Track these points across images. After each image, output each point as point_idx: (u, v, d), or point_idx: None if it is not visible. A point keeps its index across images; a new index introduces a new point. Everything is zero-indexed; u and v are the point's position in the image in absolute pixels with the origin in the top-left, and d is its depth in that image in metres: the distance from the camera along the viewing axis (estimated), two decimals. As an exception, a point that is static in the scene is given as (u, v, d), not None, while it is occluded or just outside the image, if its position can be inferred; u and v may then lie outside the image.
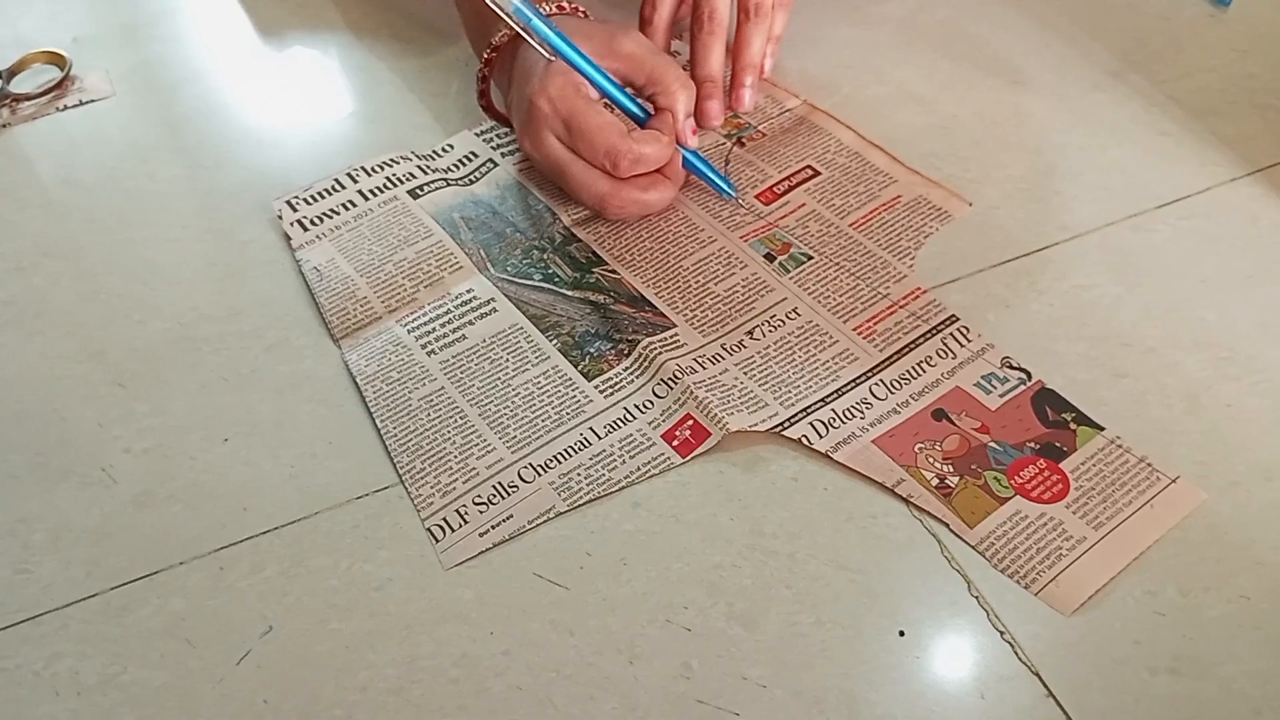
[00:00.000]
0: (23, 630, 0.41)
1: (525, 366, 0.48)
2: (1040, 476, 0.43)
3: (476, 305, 0.50)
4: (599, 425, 0.46)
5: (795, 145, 0.57)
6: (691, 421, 0.45)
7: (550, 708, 0.38)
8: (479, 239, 0.53)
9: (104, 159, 0.58)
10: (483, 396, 0.47)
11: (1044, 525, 0.42)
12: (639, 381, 0.47)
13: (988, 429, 0.45)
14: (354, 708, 0.38)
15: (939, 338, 0.48)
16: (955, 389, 0.46)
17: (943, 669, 0.39)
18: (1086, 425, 0.45)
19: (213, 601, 0.41)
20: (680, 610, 0.41)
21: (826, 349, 0.48)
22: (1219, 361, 0.47)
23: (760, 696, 0.38)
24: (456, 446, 0.45)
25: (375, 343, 0.49)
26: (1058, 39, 0.63)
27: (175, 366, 0.49)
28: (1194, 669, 0.39)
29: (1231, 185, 0.54)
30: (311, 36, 0.65)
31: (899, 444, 0.44)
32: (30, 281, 0.52)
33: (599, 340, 0.48)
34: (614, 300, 0.50)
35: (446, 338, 0.49)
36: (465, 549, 0.42)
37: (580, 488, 0.44)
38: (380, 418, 0.46)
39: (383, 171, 0.56)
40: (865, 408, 0.45)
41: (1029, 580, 0.41)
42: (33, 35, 0.65)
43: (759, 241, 0.52)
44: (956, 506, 0.43)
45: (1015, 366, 0.47)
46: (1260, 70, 0.61)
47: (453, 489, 0.44)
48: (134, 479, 0.45)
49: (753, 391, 0.46)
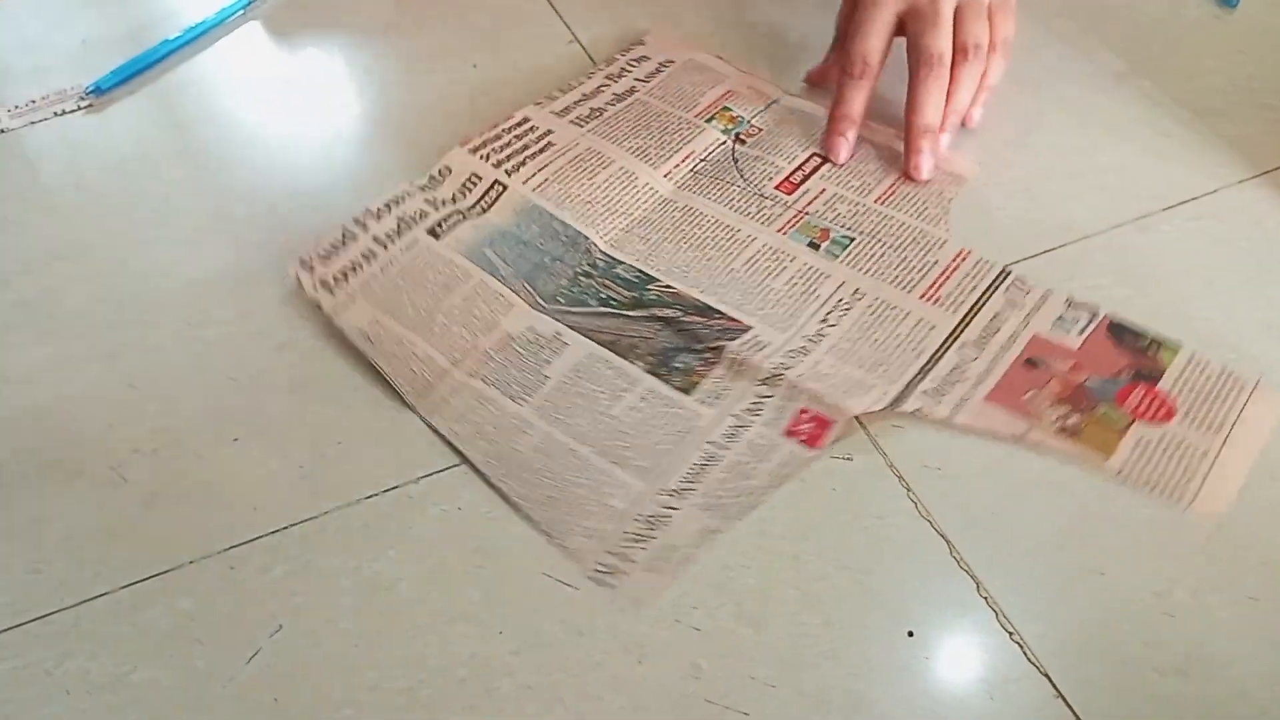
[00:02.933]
0: (33, 629, 0.41)
1: (619, 394, 0.46)
2: (1146, 400, 0.45)
3: (544, 343, 0.48)
4: (717, 437, 0.45)
5: (794, 135, 0.58)
6: (810, 414, 0.45)
7: (559, 707, 0.38)
8: (520, 272, 0.51)
9: (115, 161, 0.58)
10: (591, 433, 0.45)
11: (1169, 443, 0.44)
12: (739, 386, 0.46)
13: (1080, 367, 0.46)
14: (363, 707, 0.38)
15: (1001, 292, 0.50)
16: (1034, 337, 0.48)
17: (951, 670, 0.39)
18: (1166, 345, 0.47)
19: (222, 601, 0.41)
20: (689, 610, 0.41)
21: (903, 322, 0.49)
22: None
23: (769, 696, 0.38)
24: (587, 490, 0.43)
25: (456, 402, 0.46)
26: (1061, 41, 0.63)
27: (185, 367, 0.49)
28: (1203, 670, 0.39)
29: (1238, 187, 0.54)
30: (321, 38, 0.65)
31: (1009, 396, 0.46)
32: (41, 283, 0.53)
33: (682, 354, 0.47)
34: (683, 312, 0.49)
35: (524, 383, 0.47)
36: (649, 590, 0.41)
37: (728, 503, 0.43)
38: (496, 478, 0.44)
39: (391, 212, 0.53)
40: (963, 370, 0.47)
41: (1177, 496, 0.43)
42: (40, 38, 0.66)
43: (797, 232, 0.52)
44: (1087, 443, 0.44)
45: (1079, 304, 0.49)
46: (1264, 71, 0.61)
47: (603, 532, 0.42)
48: (144, 479, 0.45)
49: (853, 375, 0.46)
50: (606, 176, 0.55)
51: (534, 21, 0.65)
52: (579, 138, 0.57)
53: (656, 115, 0.58)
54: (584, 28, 0.65)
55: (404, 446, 0.46)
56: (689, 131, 0.57)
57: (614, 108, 0.58)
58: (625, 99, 0.59)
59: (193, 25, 0.65)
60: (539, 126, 0.57)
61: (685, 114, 0.58)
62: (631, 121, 0.58)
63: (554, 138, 0.56)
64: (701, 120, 0.58)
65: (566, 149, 0.56)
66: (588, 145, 0.56)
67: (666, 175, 0.55)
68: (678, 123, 0.58)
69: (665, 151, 0.56)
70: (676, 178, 0.55)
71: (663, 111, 0.58)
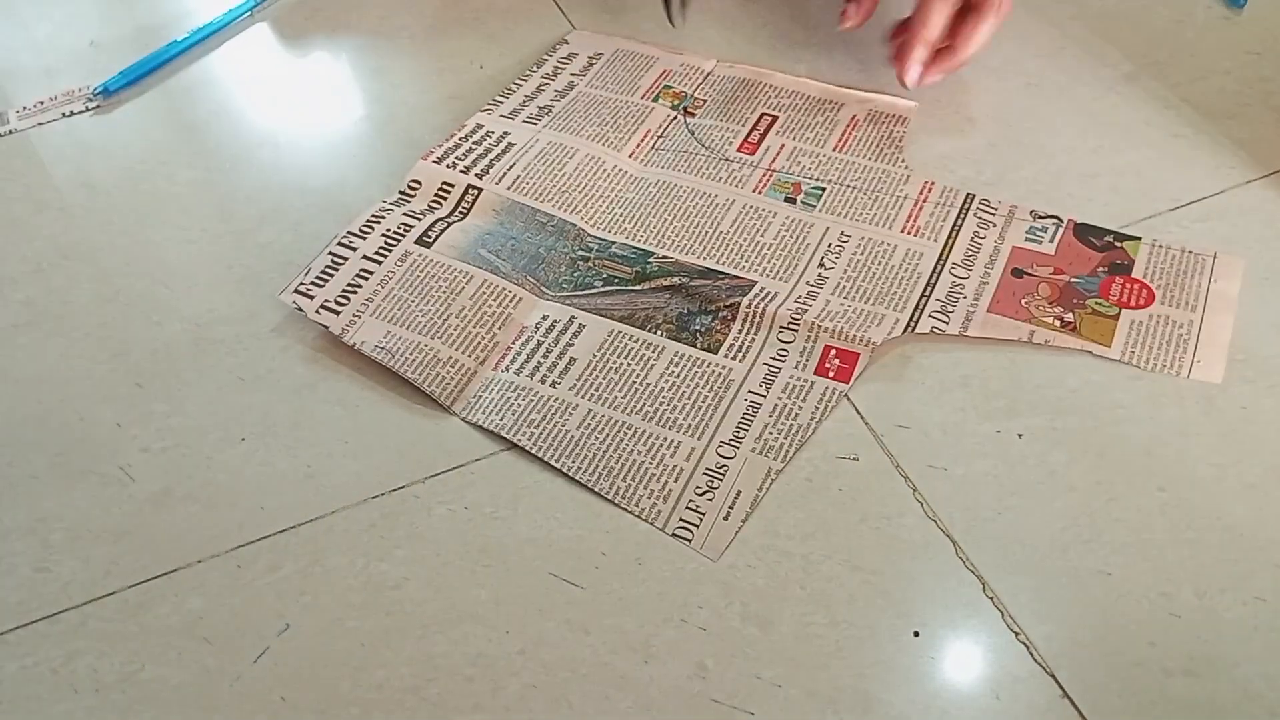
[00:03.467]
0: (41, 628, 0.41)
1: (649, 363, 0.48)
2: (1126, 289, 0.49)
3: (562, 328, 0.49)
4: (755, 385, 0.47)
5: (739, 100, 0.60)
6: (835, 350, 0.47)
7: (566, 707, 0.38)
8: (518, 266, 0.51)
9: (123, 162, 0.59)
10: (633, 403, 0.46)
11: (1156, 323, 0.48)
12: (760, 337, 0.48)
13: (1061, 269, 0.50)
14: (370, 706, 0.39)
15: (971, 214, 0.53)
16: (1014, 248, 0.52)
17: (957, 669, 0.39)
18: (1128, 239, 0.52)
19: (230, 600, 0.41)
20: (695, 610, 0.41)
21: (893, 255, 0.52)
22: (1234, 364, 0.47)
23: (775, 696, 0.38)
24: (643, 454, 0.45)
25: (490, 396, 0.47)
26: (1071, 42, 0.63)
27: (193, 367, 0.49)
28: (1210, 670, 0.39)
29: (1246, 188, 0.54)
30: (328, 39, 0.66)
31: (1008, 305, 0.49)
32: (49, 283, 0.53)
33: (699, 316, 0.49)
34: (689, 279, 0.51)
35: (558, 366, 0.48)
36: (722, 537, 0.42)
37: (781, 444, 0.45)
38: (553, 458, 0.45)
39: (375, 230, 0.53)
40: (960, 288, 0.50)
41: (1177, 369, 0.47)
42: (49, 40, 0.66)
43: (772, 189, 0.55)
44: (1087, 335, 0.48)
45: (1044, 215, 0.53)
46: (1275, 73, 0.60)
47: (670, 491, 0.44)
48: (152, 478, 0.45)
49: (864, 309, 0.49)
50: (575, 165, 0.56)
51: (540, 22, 0.66)
52: (536, 134, 0.58)
53: (603, 103, 0.60)
54: (589, 24, 0.65)
55: (410, 446, 0.46)
56: (639, 112, 0.59)
57: (560, 103, 0.60)
58: (567, 94, 0.60)
59: (200, 27, 0.65)
60: (494, 130, 0.58)
61: (630, 98, 0.60)
62: (582, 112, 0.59)
63: (512, 138, 0.58)
64: (648, 100, 0.60)
65: (528, 146, 0.57)
66: (548, 140, 0.57)
67: (631, 155, 0.57)
68: (626, 106, 0.60)
69: (623, 134, 0.58)
70: (641, 156, 0.57)
71: (608, 99, 0.60)
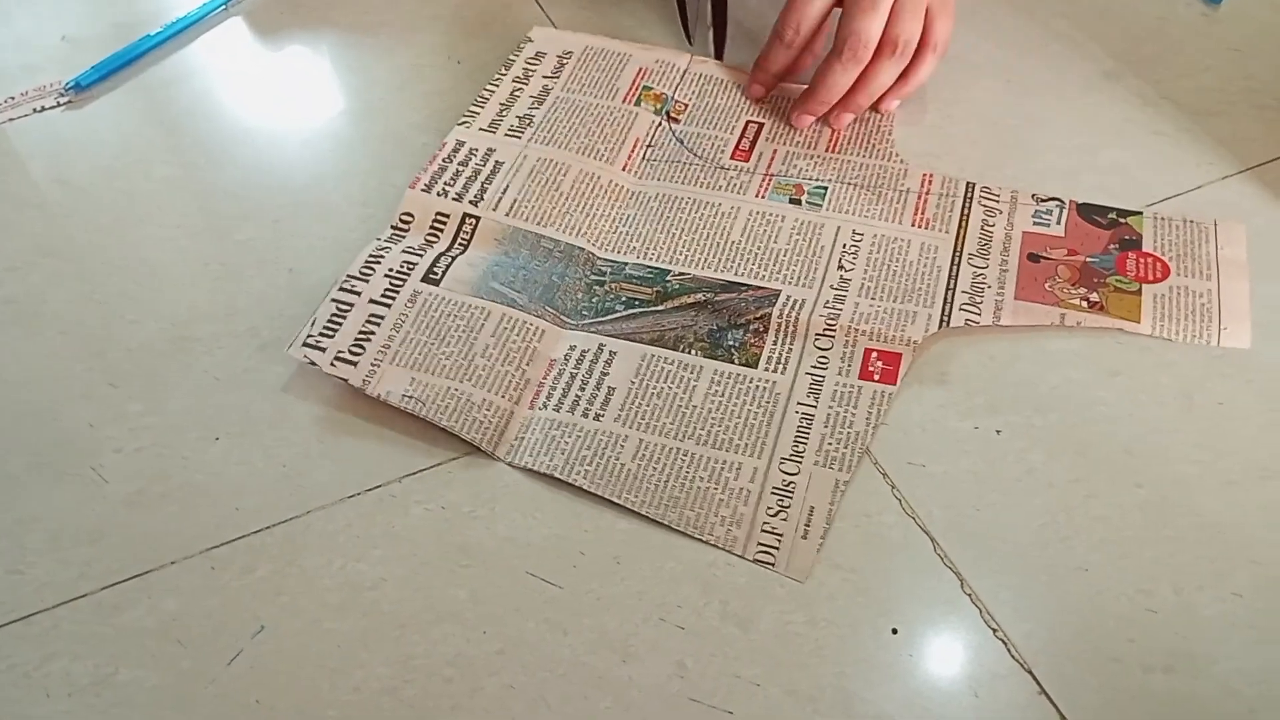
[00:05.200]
0: (15, 630, 0.40)
1: (690, 384, 0.46)
2: (1142, 263, 0.49)
3: (593, 357, 0.47)
4: (803, 397, 0.46)
5: (722, 103, 0.59)
6: (876, 352, 0.47)
7: (544, 707, 0.38)
8: (534, 296, 0.49)
9: (100, 158, 0.58)
10: (683, 428, 0.45)
11: (1179, 294, 0.48)
12: (797, 347, 0.47)
13: (1075, 250, 0.50)
14: (348, 708, 0.38)
15: (975, 202, 0.53)
16: (1024, 233, 0.51)
17: (936, 667, 0.39)
18: (1130, 214, 0.52)
19: (205, 601, 0.41)
20: (674, 609, 0.41)
21: (909, 249, 0.51)
22: (1213, 360, 0.47)
23: (754, 695, 0.38)
24: (707, 480, 0.43)
25: (533, 437, 0.45)
26: (1053, 39, 0.63)
27: (169, 366, 0.49)
28: (1188, 667, 0.39)
29: (1224, 183, 0.54)
30: (303, 34, 0.65)
31: (1033, 290, 0.49)
32: (26, 281, 0.52)
33: (729, 331, 0.48)
34: (713, 293, 0.49)
35: (597, 397, 0.46)
36: (805, 557, 0.41)
37: (842, 454, 0.44)
38: (615, 495, 0.43)
39: (376, 270, 0.50)
40: (982, 278, 0.49)
41: (1206, 338, 0.47)
42: (20, 35, 0.65)
43: (774, 193, 0.54)
44: (1115, 313, 0.48)
45: (1045, 198, 0.53)
46: (1257, 70, 0.61)
47: (741, 516, 0.42)
48: (126, 478, 0.45)
49: (894, 308, 0.48)
50: (570, 183, 0.54)
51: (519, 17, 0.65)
52: (523, 150, 0.55)
53: (585, 110, 0.58)
54: (568, 22, 0.65)
55: (387, 445, 0.45)
56: (624, 119, 0.57)
57: (539, 112, 0.57)
58: (545, 100, 0.58)
59: (174, 21, 0.65)
60: (478, 148, 0.56)
61: (611, 102, 0.58)
62: (565, 122, 0.57)
63: (499, 156, 0.55)
64: (630, 105, 0.58)
65: (517, 165, 0.55)
66: (537, 156, 0.55)
67: (625, 169, 0.55)
68: (609, 112, 0.57)
69: (612, 145, 0.56)
70: (634, 169, 0.55)
71: (588, 104, 0.58)
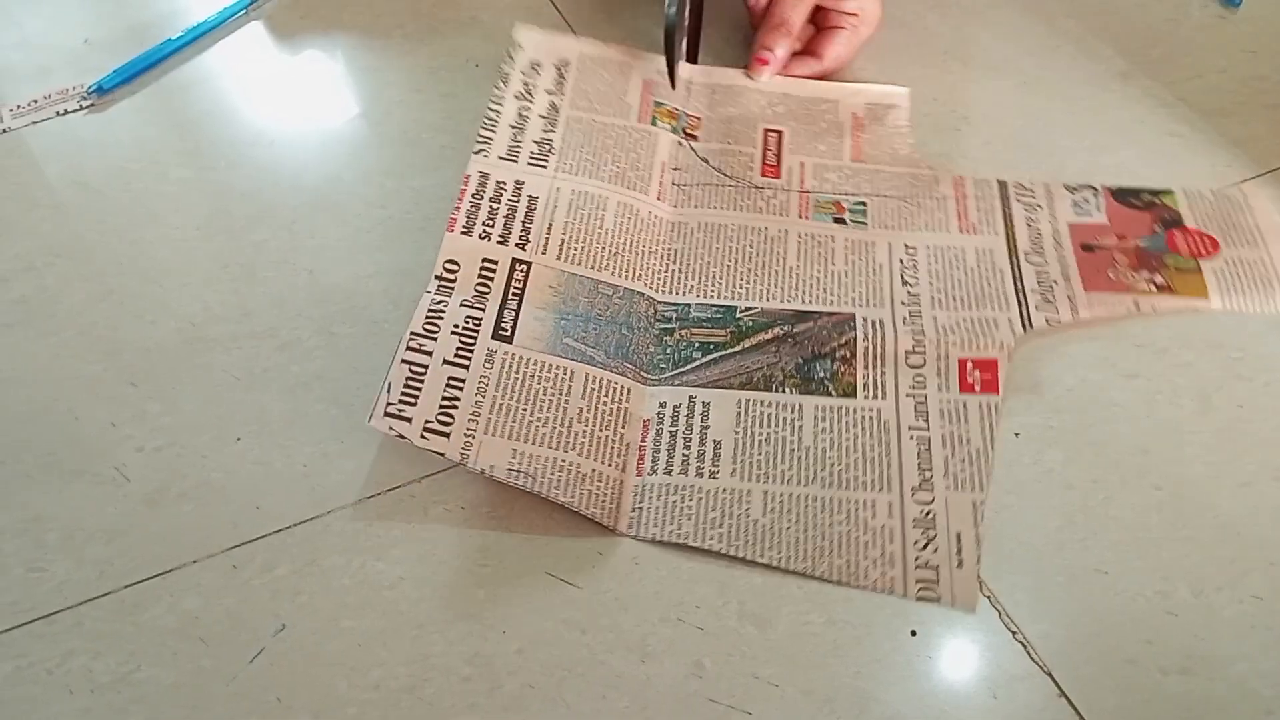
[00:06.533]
0: (36, 629, 0.41)
1: (794, 425, 0.45)
2: (1190, 240, 0.49)
3: (687, 411, 0.46)
4: (911, 420, 0.45)
5: (736, 115, 0.58)
6: (971, 362, 0.46)
7: (562, 706, 0.38)
8: (610, 352, 0.47)
9: (119, 161, 0.58)
10: (803, 473, 0.44)
11: (1237, 265, 0.48)
12: (890, 370, 0.46)
13: (1124, 235, 0.50)
14: (366, 706, 0.38)
15: (1014, 201, 0.53)
16: (1070, 225, 0.51)
17: (954, 669, 0.39)
18: (1162, 193, 0.52)
19: (225, 600, 0.41)
20: (692, 609, 0.41)
21: (966, 256, 0.51)
22: (1231, 362, 0.47)
23: (772, 695, 0.38)
24: (845, 524, 0.42)
25: (652, 505, 0.43)
26: (1067, 41, 0.63)
27: (187, 366, 0.49)
28: (1206, 669, 0.39)
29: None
30: (322, 37, 0.65)
31: (1099, 280, 0.49)
32: (42, 282, 0.53)
33: (817, 362, 0.47)
34: (790, 325, 0.48)
35: (705, 454, 0.44)
36: (967, 586, 0.41)
37: (970, 473, 0.43)
38: (756, 556, 0.42)
39: (440, 327, 0.47)
40: (1046, 274, 0.49)
41: (1275, 305, 0.47)
42: (43, 38, 0.66)
43: (817, 213, 0.53)
44: (1184, 292, 0.48)
45: (1078, 186, 0.53)
46: (1270, 71, 0.61)
47: (892, 555, 0.42)
48: (146, 478, 0.45)
49: (973, 317, 0.48)
50: (613, 219, 0.52)
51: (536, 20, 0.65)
52: (554, 183, 0.54)
53: (603, 132, 0.56)
54: (585, 26, 0.65)
55: (406, 446, 0.46)
56: (645, 141, 0.56)
57: (555, 135, 0.56)
58: (556, 121, 0.57)
59: (194, 25, 0.65)
60: (505, 181, 0.53)
61: (628, 122, 0.57)
62: (587, 147, 0.56)
63: (530, 189, 0.53)
64: (646, 124, 0.57)
65: (554, 200, 0.53)
66: (571, 189, 0.53)
67: (659, 198, 0.54)
68: (630, 134, 0.56)
69: (641, 171, 0.55)
70: (668, 197, 0.54)
71: (605, 125, 0.57)
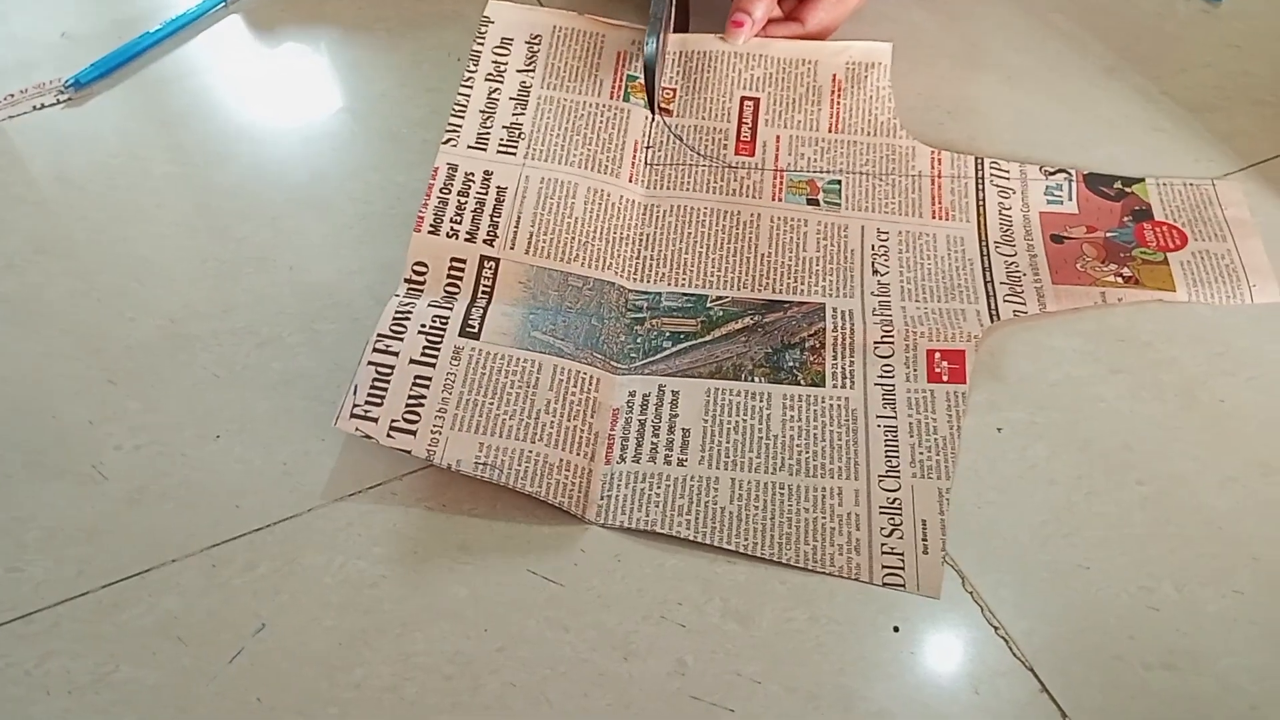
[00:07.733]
0: (14, 629, 0.40)
1: (763, 413, 0.45)
2: (1158, 233, 0.49)
3: (656, 400, 0.46)
4: (879, 409, 0.45)
5: (709, 87, 0.56)
6: (939, 352, 0.46)
7: (545, 704, 0.38)
8: (579, 343, 0.47)
9: (98, 156, 0.58)
10: (770, 462, 0.44)
11: (1203, 258, 0.48)
12: (859, 359, 0.46)
13: (1093, 226, 0.50)
14: (348, 705, 0.38)
15: (988, 182, 0.52)
16: (1041, 214, 0.51)
17: (937, 664, 0.39)
18: (1134, 182, 0.52)
19: (205, 599, 0.41)
20: (675, 606, 0.41)
21: (937, 244, 0.50)
22: (1214, 357, 0.47)
23: (755, 692, 0.38)
24: (812, 511, 0.42)
25: (619, 493, 0.43)
26: (1053, 36, 0.63)
27: (168, 363, 0.49)
28: (1190, 664, 0.39)
29: (1226, 180, 0.54)
30: (304, 32, 0.65)
31: (1068, 273, 0.49)
32: (23, 278, 0.52)
33: (786, 351, 0.47)
34: (759, 315, 0.48)
35: (674, 442, 0.44)
36: (931, 572, 0.41)
37: (936, 461, 0.43)
38: (723, 540, 0.42)
39: (407, 328, 0.46)
40: (1015, 266, 0.49)
41: (1239, 298, 0.48)
42: (19, 32, 0.65)
43: (790, 194, 0.52)
44: (1150, 284, 0.48)
45: (1054, 170, 0.53)
46: (1256, 66, 0.61)
47: (858, 541, 0.42)
48: (126, 476, 0.45)
49: (942, 308, 0.48)
50: (583, 206, 0.51)
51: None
52: (523, 171, 0.52)
53: (574, 111, 0.55)
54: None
55: (388, 443, 0.45)
56: (617, 119, 0.55)
57: (526, 120, 0.54)
58: (528, 103, 0.55)
59: (173, 18, 0.64)
60: (474, 173, 0.52)
61: (600, 99, 0.55)
62: (557, 130, 0.54)
63: (499, 180, 0.52)
64: (619, 101, 0.55)
65: (522, 190, 0.52)
66: (540, 176, 0.52)
67: (630, 179, 0.53)
68: (600, 111, 0.55)
69: (613, 152, 0.53)
70: (640, 178, 0.53)
71: (576, 104, 0.55)
